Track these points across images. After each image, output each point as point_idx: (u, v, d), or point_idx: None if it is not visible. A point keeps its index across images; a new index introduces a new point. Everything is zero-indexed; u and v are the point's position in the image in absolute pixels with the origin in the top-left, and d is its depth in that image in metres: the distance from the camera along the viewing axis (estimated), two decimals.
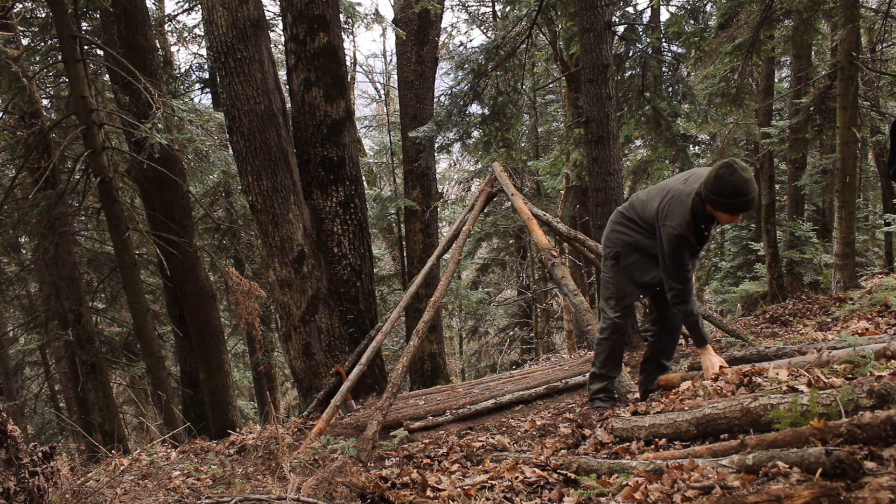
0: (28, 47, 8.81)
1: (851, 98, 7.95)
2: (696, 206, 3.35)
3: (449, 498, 2.67)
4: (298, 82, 6.20)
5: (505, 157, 10.36)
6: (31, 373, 13.65)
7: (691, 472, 2.29)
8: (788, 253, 11.49)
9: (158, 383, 7.37)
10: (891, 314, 4.81)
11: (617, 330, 3.82)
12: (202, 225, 10.93)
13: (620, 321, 3.83)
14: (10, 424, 2.10)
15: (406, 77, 10.52)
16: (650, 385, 3.93)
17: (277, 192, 5.74)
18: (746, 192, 3.13)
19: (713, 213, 3.33)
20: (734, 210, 3.21)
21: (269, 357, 13.21)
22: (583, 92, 7.03)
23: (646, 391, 3.94)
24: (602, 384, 3.97)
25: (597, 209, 6.89)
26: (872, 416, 2.09)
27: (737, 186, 3.12)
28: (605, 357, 3.91)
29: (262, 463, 3.63)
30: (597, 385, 4.00)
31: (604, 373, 3.95)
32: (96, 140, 7.00)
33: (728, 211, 3.23)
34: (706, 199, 3.27)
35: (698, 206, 3.35)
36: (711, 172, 3.24)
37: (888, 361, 2.88)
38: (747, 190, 3.13)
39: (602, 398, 3.98)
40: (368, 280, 6.49)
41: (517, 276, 15.92)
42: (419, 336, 5.04)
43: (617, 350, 3.92)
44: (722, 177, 3.15)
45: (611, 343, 3.89)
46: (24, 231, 9.61)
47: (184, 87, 10.70)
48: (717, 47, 8.38)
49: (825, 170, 11.47)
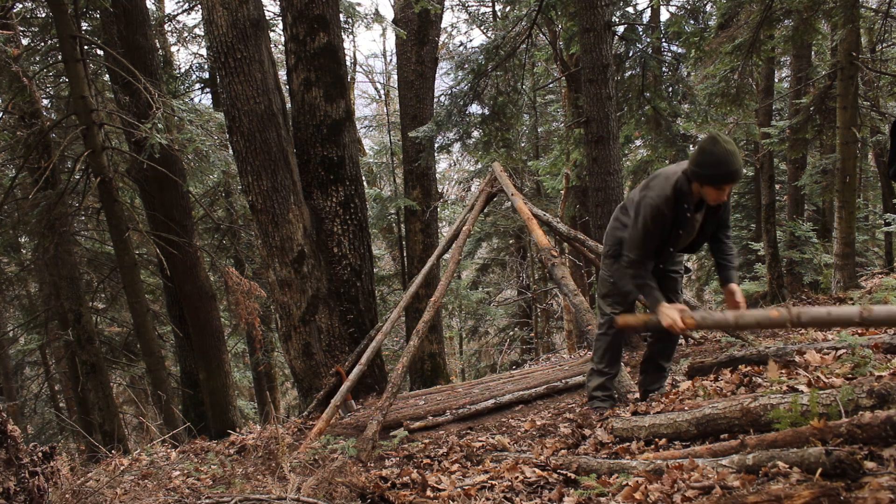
0: (28, 47, 8.81)
1: (851, 98, 7.95)
2: (681, 184, 3.27)
3: (449, 498, 2.67)
4: (298, 82, 6.20)
5: (505, 157, 10.37)
6: (31, 373, 13.65)
7: (691, 472, 2.29)
8: (788, 253, 11.49)
9: (158, 383, 7.37)
10: None
11: (614, 325, 3.81)
12: (202, 225, 10.93)
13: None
14: (10, 424, 2.10)
15: (406, 77, 10.52)
16: (650, 385, 3.92)
17: (277, 192, 5.74)
18: (730, 162, 3.07)
19: (700, 191, 3.25)
20: (718, 182, 3.12)
21: (269, 357, 13.21)
22: (583, 92, 7.03)
23: (645, 391, 3.94)
24: (600, 380, 3.95)
25: (597, 209, 6.89)
26: (872, 416, 2.09)
27: (720, 157, 3.06)
28: (603, 352, 3.90)
29: (262, 463, 3.63)
30: (595, 381, 3.98)
31: (601, 368, 3.93)
32: (96, 140, 7.00)
33: (712, 183, 3.14)
34: (692, 175, 3.21)
35: (683, 185, 3.27)
36: (696, 148, 3.22)
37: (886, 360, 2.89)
38: (731, 161, 3.07)
39: (601, 397, 3.97)
40: (368, 280, 6.49)
41: (517, 276, 15.92)
42: (419, 336, 5.04)
43: (615, 345, 3.89)
44: (706, 149, 3.11)
45: (608, 338, 3.87)
46: (24, 231, 9.61)
47: (184, 87, 10.70)
48: (717, 47, 8.38)
49: (825, 170, 11.47)
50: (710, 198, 3.25)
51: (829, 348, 3.35)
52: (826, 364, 3.12)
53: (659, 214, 3.30)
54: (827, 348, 3.37)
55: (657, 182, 3.37)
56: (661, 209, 3.29)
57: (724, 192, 3.20)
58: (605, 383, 3.96)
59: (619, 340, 3.91)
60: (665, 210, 3.29)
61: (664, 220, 3.32)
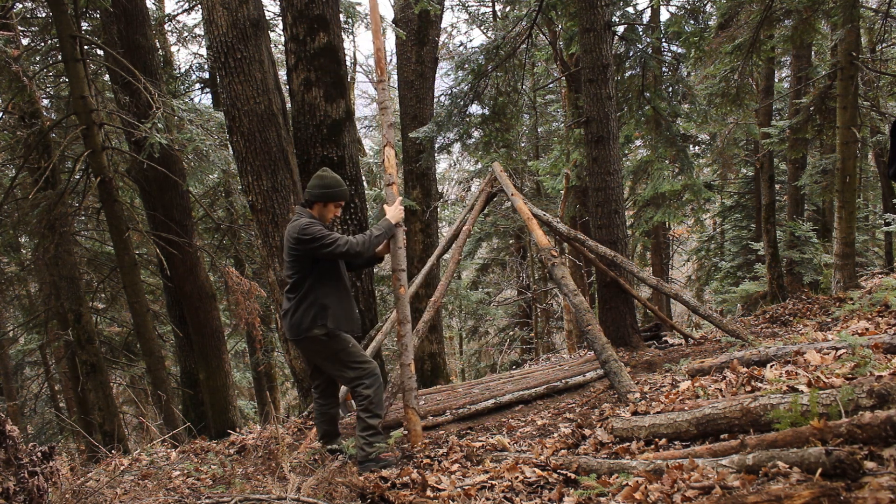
0: (28, 47, 8.81)
1: (851, 98, 7.95)
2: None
3: (449, 498, 2.66)
4: (298, 82, 6.20)
5: (505, 158, 10.37)
6: (31, 373, 13.65)
7: (691, 472, 2.29)
8: (788, 253, 11.50)
9: (158, 383, 7.37)
10: (891, 314, 4.81)
11: None
12: (202, 225, 10.93)
13: None
14: (10, 424, 2.10)
15: (406, 77, 10.52)
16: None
17: (277, 192, 5.74)
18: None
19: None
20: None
21: (269, 357, 13.22)
22: (583, 92, 7.03)
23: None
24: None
25: (597, 209, 6.89)
26: (872, 416, 2.09)
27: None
28: None
29: (262, 463, 3.63)
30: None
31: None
32: (96, 140, 7.00)
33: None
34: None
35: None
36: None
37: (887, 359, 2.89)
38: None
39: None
40: (368, 280, 6.49)
41: (517, 276, 15.92)
42: (419, 336, 5.04)
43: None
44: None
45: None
46: (24, 231, 9.60)
47: (184, 87, 10.70)
48: (717, 47, 8.39)
49: (825, 170, 11.47)
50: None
51: (829, 348, 3.35)
52: (826, 364, 3.12)
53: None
54: (827, 348, 3.36)
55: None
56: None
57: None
58: None
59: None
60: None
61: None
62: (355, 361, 3.71)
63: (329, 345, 3.68)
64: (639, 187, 12.80)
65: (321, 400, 3.99)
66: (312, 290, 3.67)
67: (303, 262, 3.67)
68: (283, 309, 3.80)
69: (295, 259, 3.68)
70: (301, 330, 3.66)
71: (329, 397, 4.00)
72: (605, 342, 4.49)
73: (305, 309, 3.65)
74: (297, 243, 3.61)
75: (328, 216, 3.81)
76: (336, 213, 3.86)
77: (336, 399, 4.07)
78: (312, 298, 3.66)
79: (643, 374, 5.02)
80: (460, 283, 14.79)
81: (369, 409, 3.66)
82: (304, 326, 3.65)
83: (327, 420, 4.01)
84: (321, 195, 3.76)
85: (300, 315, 3.66)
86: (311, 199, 3.78)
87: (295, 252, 3.65)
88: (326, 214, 3.80)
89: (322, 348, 3.70)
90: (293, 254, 3.66)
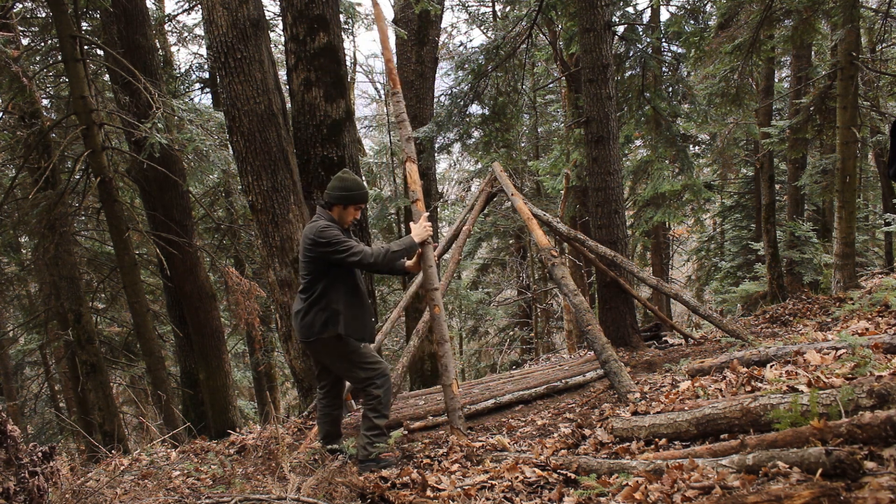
0: (28, 47, 8.81)
1: (851, 98, 7.95)
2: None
3: (449, 498, 2.66)
4: (298, 82, 6.20)
5: (505, 158, 10.37)
6: (31, 373, 13.66)
7: (691, 472, 2.29)
8: (788, 253, 11.50)
9: (158, 383, 7.37)
10: (891, 314, 4.81)
11: None
12: (202, 225, 10.93)
13: None
14: (10, 424, 2.10)
15: (406, 77, 10.52)
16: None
17: (277, 192, 5.74)
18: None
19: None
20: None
21: (269, 357, 13.22)
22: (583, 92, 7.03)
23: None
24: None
25: (597, 209, 6.89)
26: (872, 416, 2.09)
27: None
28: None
29: (262, 463, 3.63)
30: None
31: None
32: (96, 140, 7.00)
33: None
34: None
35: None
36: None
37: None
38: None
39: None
40: (368, 280, 6.49)
41: (517, 276, 15.92)
42: (419, 336, 5.04)
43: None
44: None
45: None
46: (24, 231, 9.60)
47: (184, 87, 10.70)
48: (717, 47, 8.39)
49: (825, 170, 11.47)
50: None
51: (829, 348, 3.35)
52: (826, 364, 3.12)
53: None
54: (827, 348, 3.36)
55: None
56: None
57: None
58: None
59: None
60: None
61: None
62: (367, 362, 3.71)
63: (340, 347, 3.68)
64: (639, 187, 12.79)
65: (326, 401, 3.99)
66: (325, 293, 3.65)
67: (318, 265, 3.65)
68: (295, 309, 3.78)
69: (310, 260, 3.66)
70: (312, 332, 3.65)
71: (334, 399, 4.00)
72: (605, 342, 4.49)
73: (317, 312, 3.64)
74: (313, 245, 3.59)
75: (347, 219, 3.77)
76: (356, 216, 3.82)
77: (340, 400, 4.06)
78: (325, 302, 3.64)
79: (643, 374, 5.02)
80: (460, 283, 14.79)
81: (377, 409, 3.66)
82: (316, 329, 3.64)
83: (330, 421, 4.00)
84: (341, 197, 3.72)
85: (311, 317, 3.65)
86: (331, 202, 3.74)
87: (310, 254, 3.63)
88: (346, 217, 3.77)
89: (333, 350, 3.70)
90: (308, 255, 3.65)
